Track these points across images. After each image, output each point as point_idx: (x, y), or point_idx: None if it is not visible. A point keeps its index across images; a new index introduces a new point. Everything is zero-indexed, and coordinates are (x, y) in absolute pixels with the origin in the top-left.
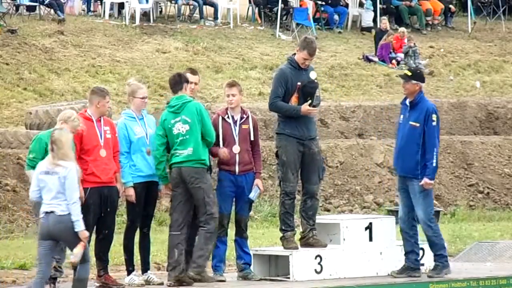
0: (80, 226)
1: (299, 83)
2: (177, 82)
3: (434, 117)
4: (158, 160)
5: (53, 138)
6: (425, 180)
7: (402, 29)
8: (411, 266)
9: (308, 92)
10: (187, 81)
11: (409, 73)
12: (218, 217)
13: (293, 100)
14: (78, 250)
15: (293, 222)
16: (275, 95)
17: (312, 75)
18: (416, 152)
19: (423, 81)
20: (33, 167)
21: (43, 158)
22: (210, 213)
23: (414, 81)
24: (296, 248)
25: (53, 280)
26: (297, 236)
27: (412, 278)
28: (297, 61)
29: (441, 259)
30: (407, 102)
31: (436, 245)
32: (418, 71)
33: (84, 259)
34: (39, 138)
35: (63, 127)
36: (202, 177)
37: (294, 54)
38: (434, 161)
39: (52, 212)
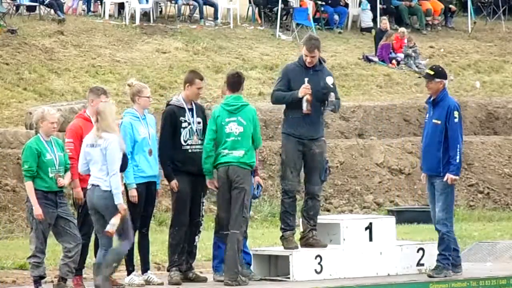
0: (119, 199)
1: (306, 79)
2: (237, 82)
3: (456, 114)
4: (207, 154)
5: (98, 109)
6: (449, 175)
7: (402, 29)
8: (453, 263)
9: (319, 97)
10: (243, 81)
11: (432, 72)
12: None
13: (309, 99)
14: (115, 220)
15: (293, 222)
16: (275, 87)
17: (329, 80)
18: (438, 149)
19: (446, 78)
20: (31, 177)
21: (38, 165)
22: (244, 216)
23: (437, 79)
24: (296, 247)
25: (64, 280)
26: (297, 236)
27: (456, 274)
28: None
29: (444, 260)
30: (431, 100)
31: (444, 244)
32: (440, 69)
33: (125, 235)
34: (28, 147)
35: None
36: (247, 179)
37: None
38: (458, 157)
39: (97, 186)
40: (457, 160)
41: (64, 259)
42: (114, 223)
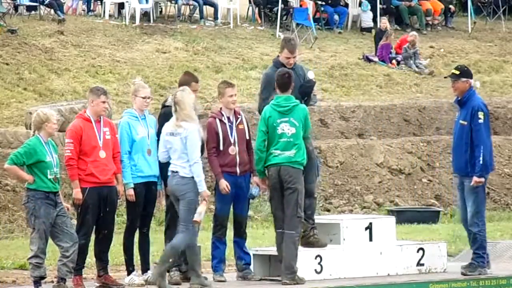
0: (202, 186)
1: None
2: (287, 82)
3: (480, 114)
4: (259, 155)
5: (176, 99)
6: (474, 178)
7: (414, 33)
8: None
9: (304, 92)
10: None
11: (457, 72)
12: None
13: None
14: (202, 208)
15: None
16: (263, 101)
17: (310, 74)
18: (465, 150)
19: (471, 77)
20: (13, 164)
21: (37, 167)
22: (300, 216)
23: (463, 79)
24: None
25: (63, 280)
26: None
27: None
28: (282, 62)
29: (478, 258)
30: (457, 100)
31: (477, 243)
32: (466, 68)
33: (185, 229)
34: (27, 144)
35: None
36: (299, 178)
37: (278, 56)
38: (481, 158)
39: (176, 172)
40: (481, 162)
41: (62, 259)
42: (200, 211)
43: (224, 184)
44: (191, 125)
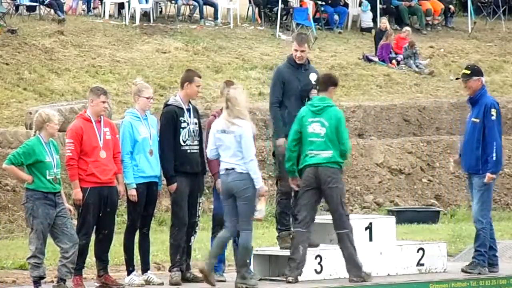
0: (260, 183)
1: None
2: (323, 82)
3: (493, 111)
4: (289, 154)
5: (228, 96)
6: (487, 174)
7: (407, 28)
8: (489, 262)
9: (302, 95)
10: (335, 84)
11: (468, 71)
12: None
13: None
14: (262, 206)
15: (289, 222)
16: (274, 98)
17: (312, 77)
18: (476, 148)
19: (482, 75)
20: (11, 163)
21: (36, 167)
22: (347, 214)
23: (475, 77)
24: (290, 247)
25: (63, 281)
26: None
27: (494, 273)
28: (294, 58)
29: (479, 256)
30: (469, 99)
31: (479, 240)
32: (476, 67)
33: (249, 226)
34: (26, 144)
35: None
36: (338, 177)
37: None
38: (494, 155)
39: (233, 169)
40: (494, 158)
41: (61, 260)
42: (260, 208)
43: (219, 185)
44: (244, 122)
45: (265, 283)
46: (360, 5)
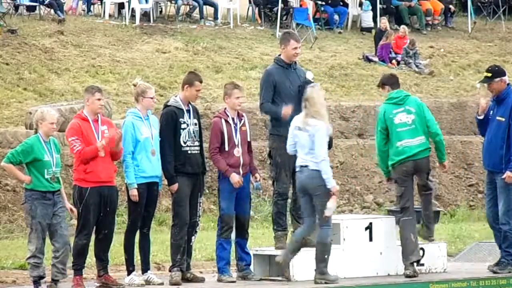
0: (331, 182)
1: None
2: (396, 81)
3: None
4: (380, 155)
5: (306, 95)
6: (507, 173)
7: (403, 26)
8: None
9: (294, 95)
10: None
11: (489, 74)
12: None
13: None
14: (332, 204)
15: (285, 222)
16: (264, 99)
17: (309, 75)
18: (500, 146)
19: (505, 74)
20: (10, 162)
21: (34, 166)
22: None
23: (497, 79)
24: (285, 248)
25: (55, 282)
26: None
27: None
28: (285, 58)
29: (508, 256)
30: (495, 98)
31: (508, 241)
32: (496, 68)
33: (328, 222)
34: (25, 142)
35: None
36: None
37: (280, 54)
38: None
39: (306, 166)
40: None
41: (52, 259)
42: (330, 207)
43: (237, 177)
44: (319, 122)
45: (265, 283)
46: (360, 5)
